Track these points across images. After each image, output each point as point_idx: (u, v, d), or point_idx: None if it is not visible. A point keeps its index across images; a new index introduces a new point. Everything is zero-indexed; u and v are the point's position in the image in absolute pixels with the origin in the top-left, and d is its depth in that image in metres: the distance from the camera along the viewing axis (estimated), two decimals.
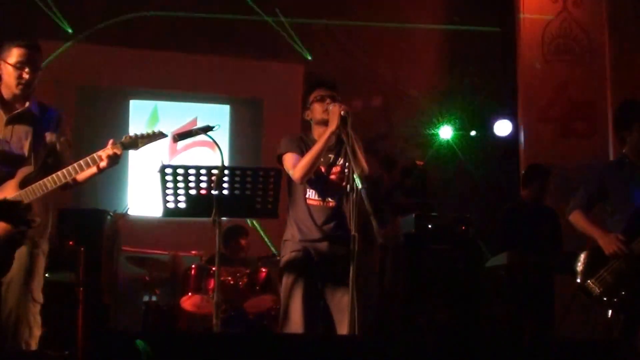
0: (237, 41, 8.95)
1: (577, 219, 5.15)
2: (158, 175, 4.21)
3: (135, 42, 8.76)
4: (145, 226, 8.06)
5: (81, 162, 4.27)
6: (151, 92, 9.10)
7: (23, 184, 4.24)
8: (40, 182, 4.23)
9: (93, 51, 8.62)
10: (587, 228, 5.07)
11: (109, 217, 7.22)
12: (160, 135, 4.46)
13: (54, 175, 4.24)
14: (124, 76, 8.89)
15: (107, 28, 8.66)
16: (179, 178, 4.16)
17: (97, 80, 8.80)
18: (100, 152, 4.30)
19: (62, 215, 6.96)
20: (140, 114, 9.09)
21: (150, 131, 4.42)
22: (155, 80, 8.92)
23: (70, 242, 6.58)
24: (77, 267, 6.31)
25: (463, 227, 6.97)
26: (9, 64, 4.29)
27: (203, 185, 4.17)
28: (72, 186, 4.48)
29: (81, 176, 4.37)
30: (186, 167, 4.18)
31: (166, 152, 8.93)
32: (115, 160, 4.32)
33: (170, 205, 4.21)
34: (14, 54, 4.29)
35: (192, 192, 4.18)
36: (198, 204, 4.20)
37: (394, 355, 3.50)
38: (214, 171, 4.16)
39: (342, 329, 4.42)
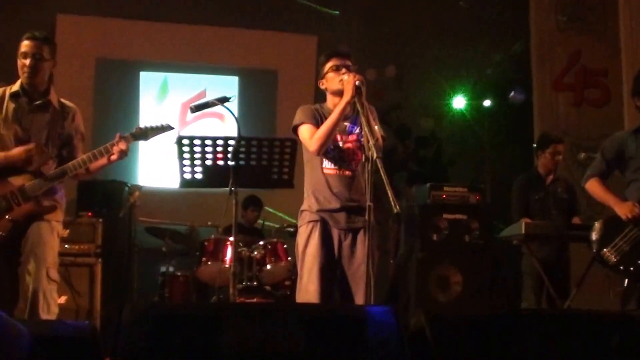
0: (250, 12, 8.95)
1: (593, 186, 5.15)
2: (175, 147, 4.25)
3: (146, 14, 8.77)
4: (162, 198, 8.13)
5: (95, 151, 4.45)
6: (161, 64, 9.14)
7: (39, 172, 4.44)
8: (56, 170, 4.44)
9: (105, 24, 8.65)
10: (603, 196, 5.07)
11: (126, 188, 7.29)
12: (169, 128, 4.68)
13: (69, 164, 4.44)
14: (134, 48, 8.92)
15: (118, 1, 8.69)
16: (196, 149, 4.19)
17: (108, 53, 8.84)
18: (111, 143, 4.47)
19: (81, 187, 7.04)
20: (151, 86, 9.13)
21: (159, 124, 4.59)
22: (165, 52, 8.95)
23: (89, 214, 6.66)
24: (96, 238, 6.39)
25: (477, 197, 6.97)
26: (19, 56, 4.51)
27: (220, 155, 4.20)
28: (84, 176, 4.67)
29: (93, 166, 4.55)
30: (203, 138, 4.20)
31: (176, 123, 8.98)
32: (126, 152, 4.49)
33: (187, 176, 4.25)
34: (21, 46, 4.50)
35: (209, 162, 4.21)
36: (215, 175, 4.24)
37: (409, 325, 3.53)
38: (231, 142, 4.19)
39: (359, 298, 4.44)
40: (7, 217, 4.33)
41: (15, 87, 4.54)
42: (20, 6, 8.24)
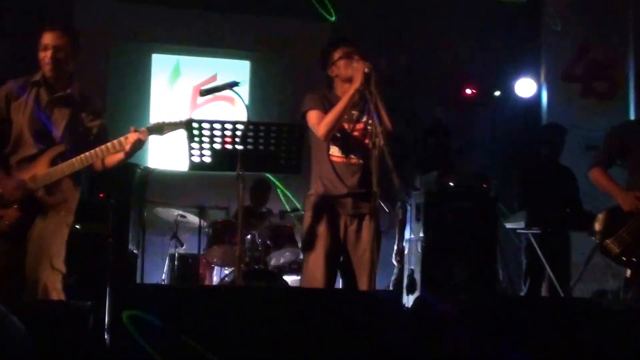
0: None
1: (596, 176, 5.18)
2: (184, 131, 4.30)
3: None
4: (172, 180, 8.21)
5: (108, 144, 4.39)
6: (174, 47, 9.20)
7: (53, 162, 4.41)
8: (69, 161, 4.38)
9: (120, 8, 8.73)
10: (606, 185, 5.10)
11: (138, 170, 7.35)
12: (184, 124, 4.46)
13: (82, 155, 4.38)
14: (147, 31, 8.99)
15: None
16: (205, 133, 4.22)
17: (123, 36, 8.91)
18: (126, 136, 4.40)
19: (93, 169, 7.09)
20: (163, 69, 9.20)
21: (176, 120, 4.45)
22: (179, 35, 9.01)
23: (101, 195, 6.72)
24: (107, 218, 6.46)
25: (484, 185, 7.01)
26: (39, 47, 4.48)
27: (228, 140, 4.23)
28: (101, 170, 4.61)
29: (109, 160, 4.51)
30: (212, 122, 4.23)
31: (187, 106, 9.06)
32: (140, 145, 4.41)
33: (196, 159, 4.29)
34: (41, 38, 4.47)
35: (217, 146, 4.24)
36: (223, 159, 4.27)
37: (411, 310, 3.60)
38: (239, 126, 4.22)
39: (363, 284, 4.49)
40: (15, 206, 4.35)
41: (37, 77, 4.51)
42: None
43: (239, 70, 9.33)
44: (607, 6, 8.76)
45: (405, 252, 7.21)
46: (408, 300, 6.74)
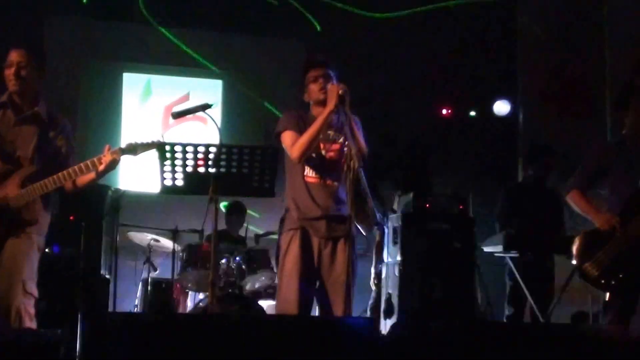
0: (238, 17, 8.96)
1: (574, 198, 5.14)
2: (156, 153, 4.24)
3: (132, 16, 8.77)
4: (145, 202, 8.10)
5: (81, 165, 4.37)
6: (145, 66, 9.12)
7: (24, 183, 4.36)
8: (41, 182, 4.35)
9: (91, 25, 8.65)
10: (584, 207, 5.06)
11: (109, 192, 7.24)
12: (158, 144, 4.45)
13: (54, 176, 4.35)
14: (118, 49, 8.91)
15: (103, 3, 8.68)
16: (177, 155, 4.15)
17: (94, 54, 8.83)
18: (99, 157, 4.38)
19: (64, 190, 6.97)
20: (134, 87, 9.11)
21: (149, 140, 4.43)
22: (150, 54, 8.94)
23: (71, 217, 6.61)
24: (78, 241, 6.35)
25: (461, 207, 6.98)
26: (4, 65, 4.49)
27: (200, 162, 4.17)
28: (72, 190, 4.57)
29: (81, 181, 4.49)
30: (184, 145, 4.17)
31: (159, 126, 8.96)
32: (114, 165, 4.41)
33: (168, 182, 4.22)
34: (8, 55, 4.47)
35: (190, 169, 4.18)
36: (195, 182, 4.20)
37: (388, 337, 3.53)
38: (212, 149, 4.16)
39: (337, 308, 4.43)
40: None
41: (4, 98, 4.49)
42: (7, 9, 8.22)
43: (212, 89, 9.27)
44: (584, 25, 8.79)
45: (383, 275, 7.16)
46: (386, 325, 6.68)
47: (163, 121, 9.04)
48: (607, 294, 4.93)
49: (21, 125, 4.46)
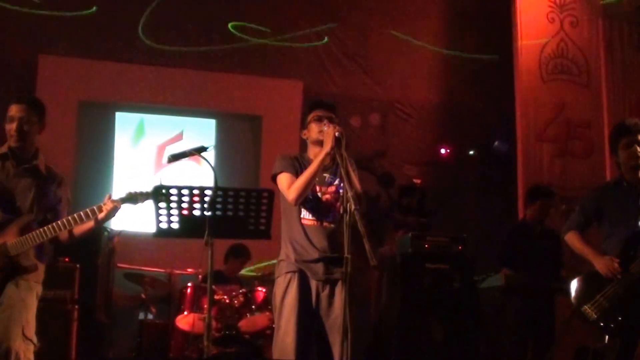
0: (232, 57, 8.99)
1: (572, 239, 5.12)
2: (151, 196, 4.22)
3: (125, 57, 8.79)
4: (141, 243, 8.02)
5: (80, 213, 4.40)
6: (138, 105, 9.09)
7: (22, 231, 4.40)
8: (39, 230, 4.38)
9: (85, 65, 8.66)
10: (582, 249, 5.03)
11: (105, 233, 7.20)
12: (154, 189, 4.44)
13: (52, 224, 4.39)
14: (111, 89, 8.88)
15: (96, 42, 8.71)
16: (173, 198, 4.13)
17: (88, 94, 8.81)
18: (99, 205, 4.42)
19: (59, 241, 6.93)
20: (127, 127, 9.08)
21: (150, 189, 4.40)
22: (142, 93, 8.91)
23: (66, 259, 6.56)
24: (73, 284, 6.29)
25: (460, 247, 6.94)
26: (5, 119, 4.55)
27: (196, 205, 4.14)
28: (67, 241, 4.60)
29: (78, 230, 4.52)
30: (179, 188, 4.15)
31: (152, 166, 8.92)
32: (114, 214, 4.44)
33: (164, 225, 4.19)
34: (9, 110, 4.54)
35: (185, 212, 4.15)
36: (191, 225, 4.16)
37: None
38: (207, 192, 4.13)
39: (336, 351, 4.35)
40: None
41: (4, 149, 4.56)
42: (1, 47, 8.26)
43: (205, 128, 9.24)
44: (581, 66, 8.81)
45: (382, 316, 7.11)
46: None
47: (156, 160, 8.99)
48: (606, 337, 4.88)
49: (20, 177, 4.53)
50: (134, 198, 4.47)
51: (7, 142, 4.55)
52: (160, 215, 4.17)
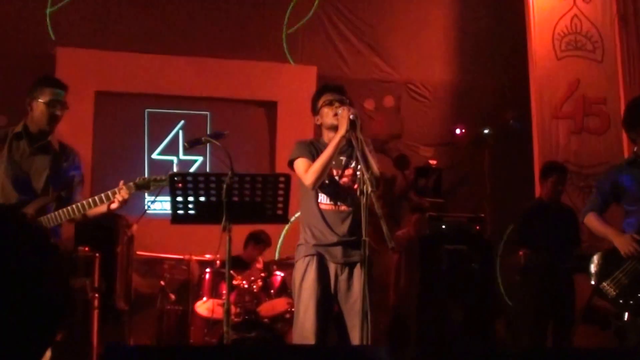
0: (249, 44, 8.96)
1: (591, 221, 5.10)
2: (168, 184, 4.23)
3: (147, 47, 8.76)
4: (160, 230, 8.02)
5: (95, 197, 4.47)
6: (147, 94, 8.99)
7: (38, 213, 4.45)
8: (55, 213, 4.46)
9: (104, 57, 8.63)
10: (602, 229, 5.01)
11: (124, 221, 7.22)
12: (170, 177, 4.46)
13: (68, 207, 4.46)
14: (135, 81, 8.84)
15: (128, 34, 8.69)
16: (189, 186, 4.14)
17: (108, 86, 8.77)
18: (113, 191, 4.48)
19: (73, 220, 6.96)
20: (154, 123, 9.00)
21: (163, 175, 4.53)
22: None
23: (86, 248, 6.59)
24: (92, 272, 6.32)
25: (477, 227, 6.93)
26: (41, 102, 4.53)
27: (213, 192, 4.15)
28: (81, 220, 4.69)
29: (91, 212, 4.57)
30: (195, 175, 4.17)
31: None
32: (126, 201, 4.50)
33: (180, 212, 4.20)
34: (47, 93, 4.56)
35: (202, 199, 4.16)
36: (208, 211, 4.18)
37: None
38: (224, 178, 4.15)
39: (355, 334, 4.38)
40: None
41: (18, 128, 4.59)
42: (20, 39, 8.27)
43: (223, 114, 9.21)
44: (595, 41, 8.74)
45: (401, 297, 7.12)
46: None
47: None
48: (627, 314, 4.86)
49: (35, 156, 4.57)
50: (146, 184, 4.53)
51: (22, 121, 4.59)
52: (177, 202, 4.18)
